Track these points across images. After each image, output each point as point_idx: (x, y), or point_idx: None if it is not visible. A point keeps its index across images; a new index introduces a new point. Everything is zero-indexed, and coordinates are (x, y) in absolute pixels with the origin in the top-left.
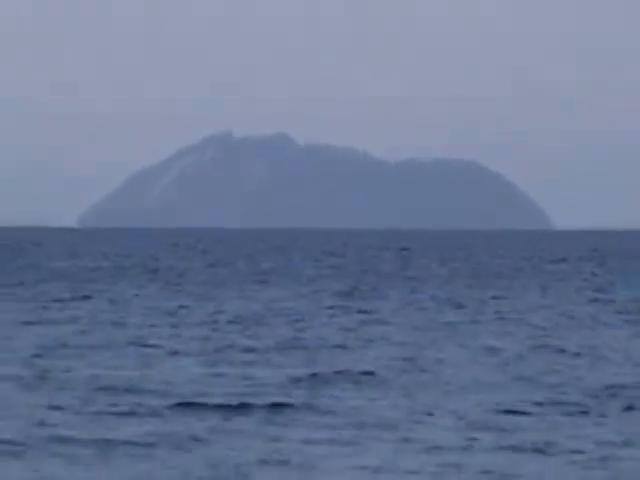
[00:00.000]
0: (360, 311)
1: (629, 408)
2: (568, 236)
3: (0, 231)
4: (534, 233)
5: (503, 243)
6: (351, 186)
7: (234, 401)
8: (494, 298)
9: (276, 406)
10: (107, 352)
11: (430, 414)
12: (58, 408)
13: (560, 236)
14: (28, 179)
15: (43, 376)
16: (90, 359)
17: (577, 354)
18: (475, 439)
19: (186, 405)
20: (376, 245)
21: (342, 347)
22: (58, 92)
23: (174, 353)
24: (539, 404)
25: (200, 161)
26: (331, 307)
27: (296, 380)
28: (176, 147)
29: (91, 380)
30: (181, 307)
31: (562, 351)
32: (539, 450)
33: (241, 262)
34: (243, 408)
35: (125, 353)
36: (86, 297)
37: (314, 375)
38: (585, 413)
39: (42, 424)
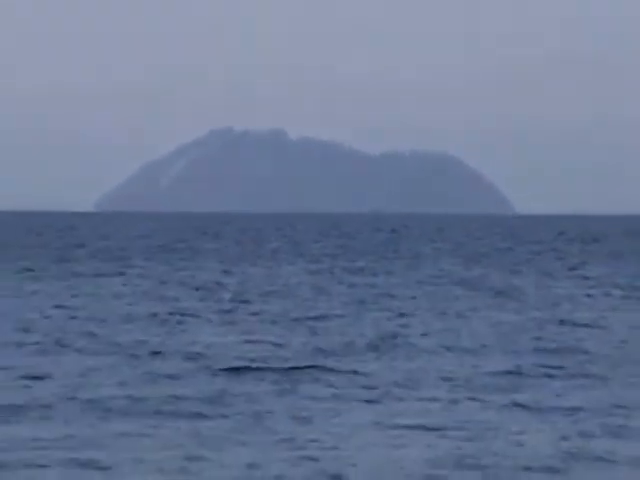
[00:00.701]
0: (371, 285)
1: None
2: (530, 220)
3: (28, 216)
4: (499, 217)
5: (476, 226)
6: (338, 174)
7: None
8: (484, 275)
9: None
10: (153, 321)
11: (442, 376)
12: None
13: (522, 220)
14: (45, 165)
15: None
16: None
17: (577, 324)
18: (480, 398)
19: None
20: (368, 227)
21: (362, 318)
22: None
23: (209, 322)
24: (543, 366)
25: (205, 152)
26: (343, 282)
27: (319, 349)
28: (184, 140)
29: (142, 345)
30: (210, 282)
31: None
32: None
33: (250, 242)
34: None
35: (169, 322)
36: (121, 273)
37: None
38: (578, 375)
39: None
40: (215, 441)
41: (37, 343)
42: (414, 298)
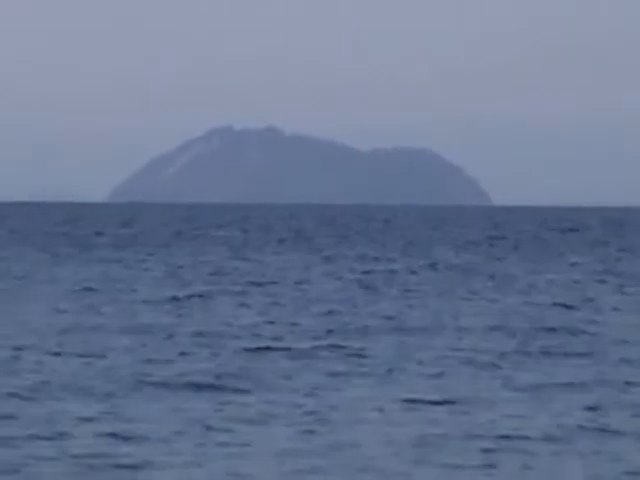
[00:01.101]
0: (376, 271)
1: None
2: (508, 211)
3: (47, 206)
4: (478, 208)
5: (457, 216)
6: (328, 168)
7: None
8: (477, 262)
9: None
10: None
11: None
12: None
13: (500, 210)
14: (61, 157)
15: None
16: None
17: (569, 307)
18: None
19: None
20: (360, 217)
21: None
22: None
23: (242, 305)
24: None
25: (206, 149)
26: (350, 268)
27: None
28: (187, 137)
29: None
30: (228, 266)
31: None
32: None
33: (257, 231)
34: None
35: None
36: (142, 259)
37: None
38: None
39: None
40: (242, 414)
41: (70, 324)
42: (418, 282)
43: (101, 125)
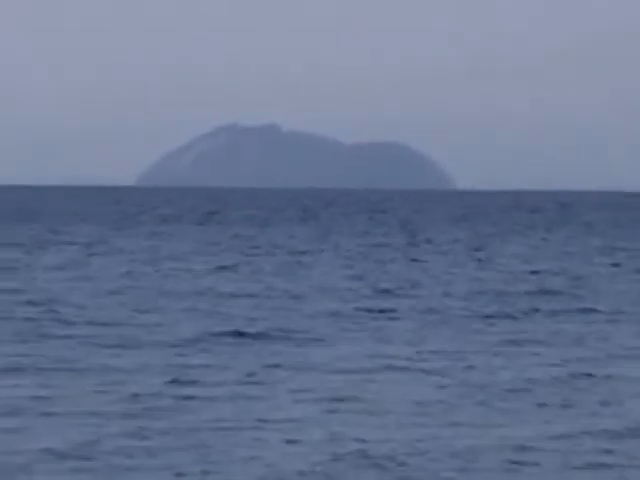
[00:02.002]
0: (379, 243)
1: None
2: (472, 195)
3: (81, 190)
4: (446, 192)
5: (433, 199)
6: (317, 159)
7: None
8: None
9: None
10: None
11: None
12: None
13: (465, 195)
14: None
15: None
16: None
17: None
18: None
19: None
20: (350, 201)
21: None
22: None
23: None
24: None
25: (215, 143)
26: (355, 240)
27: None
28: (197, 133)
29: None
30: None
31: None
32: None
33: (269, 211)
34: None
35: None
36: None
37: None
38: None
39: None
40: (273, 361)
41: (131, 287)
42: (416, 255)
43: (124, 120)
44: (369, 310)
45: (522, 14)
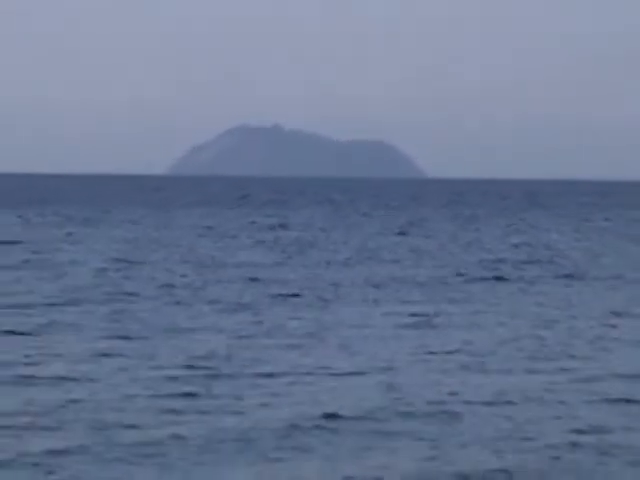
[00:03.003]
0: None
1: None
2: (439, 182)
3: (118, 178)
4: (416, 180)
5: (411, 187)
6: (313, 154)
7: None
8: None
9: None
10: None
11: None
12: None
13: (434, 182)
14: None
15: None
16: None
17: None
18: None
19: None
20: (346, 189)
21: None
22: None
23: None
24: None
25: (231, 141)
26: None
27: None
28: (215, 132)
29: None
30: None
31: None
32: None
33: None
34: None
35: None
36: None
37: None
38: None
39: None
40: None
41: (185, 261)
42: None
43: (157, 119)
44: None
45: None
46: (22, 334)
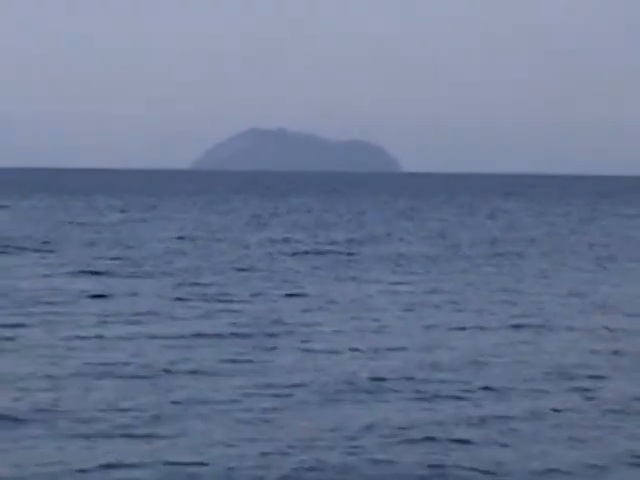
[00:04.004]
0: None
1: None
2: (418, 176)
3: (149, 172)
4: (394, 174)
5: (387, 182)
6: (312, 153)
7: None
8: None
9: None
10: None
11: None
12: None
13: (412, 176)
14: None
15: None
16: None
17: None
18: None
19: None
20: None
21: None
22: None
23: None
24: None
25: (244, 143)
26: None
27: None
28: (230, 134)
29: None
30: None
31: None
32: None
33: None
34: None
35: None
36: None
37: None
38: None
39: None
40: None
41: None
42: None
43: (182, 120)
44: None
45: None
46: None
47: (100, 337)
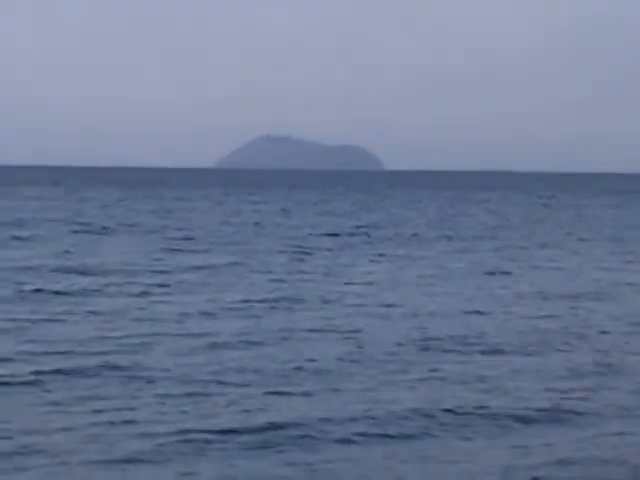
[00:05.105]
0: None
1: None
2: (398, 174)
3: (173, 171)
4: (377, 172)
5: (371, 179)
6: (310, 156)
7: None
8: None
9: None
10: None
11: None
12: None
13: (393, 174)
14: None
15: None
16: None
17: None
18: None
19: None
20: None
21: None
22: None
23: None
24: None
25: (256, 148)
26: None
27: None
28: (242, 142)
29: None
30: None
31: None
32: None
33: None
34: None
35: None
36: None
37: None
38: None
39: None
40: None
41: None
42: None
43: (206, 125)
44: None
45: None
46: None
47: None
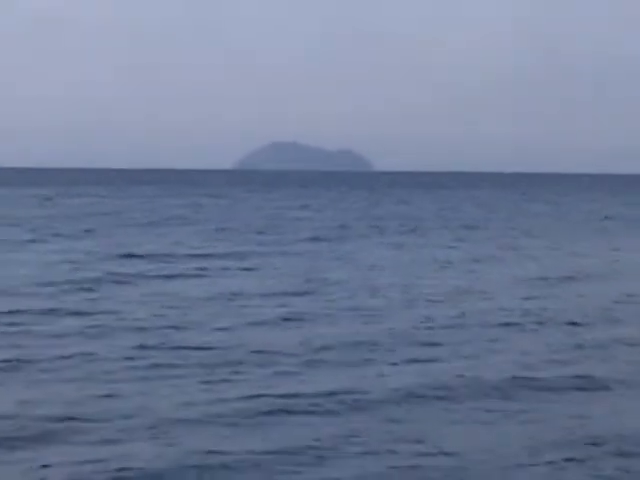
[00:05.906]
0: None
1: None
2: (387, 174)
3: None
4: (367, 173)
5: (364, 180)
6: (313, 161)
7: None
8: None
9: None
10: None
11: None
12: None
13: (382, 175)
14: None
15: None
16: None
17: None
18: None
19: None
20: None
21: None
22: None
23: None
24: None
25: (267, 153)
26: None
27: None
28: (255, 147)
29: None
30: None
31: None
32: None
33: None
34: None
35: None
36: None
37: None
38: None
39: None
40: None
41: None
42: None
43: (224, 129)
44: None
45: None
46: None
47: None
